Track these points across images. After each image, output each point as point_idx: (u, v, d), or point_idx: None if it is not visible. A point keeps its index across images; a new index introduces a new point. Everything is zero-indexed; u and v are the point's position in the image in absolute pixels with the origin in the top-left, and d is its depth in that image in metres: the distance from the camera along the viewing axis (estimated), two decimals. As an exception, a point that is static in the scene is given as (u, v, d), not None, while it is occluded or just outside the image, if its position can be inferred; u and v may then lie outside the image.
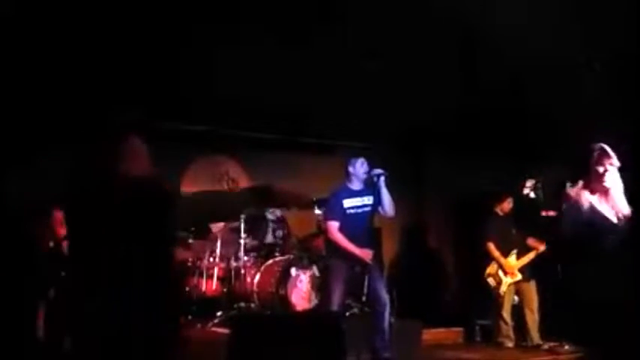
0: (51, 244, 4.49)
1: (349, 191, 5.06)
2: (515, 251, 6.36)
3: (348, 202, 4.98)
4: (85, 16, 4.50)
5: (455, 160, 7.49)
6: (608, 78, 5.53)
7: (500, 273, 6.35)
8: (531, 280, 6.37)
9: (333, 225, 4.96)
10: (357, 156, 5.13)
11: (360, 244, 4.90)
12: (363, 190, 5.06)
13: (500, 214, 6.57)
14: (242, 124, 6.62)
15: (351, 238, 4.91)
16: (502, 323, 6.39)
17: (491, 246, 6.40)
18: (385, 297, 4.92)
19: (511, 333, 6.38)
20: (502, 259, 6.34)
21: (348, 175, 5.09)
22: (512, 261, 6.34)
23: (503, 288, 6.33)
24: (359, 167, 5.04)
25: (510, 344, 6.34)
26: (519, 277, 6.32)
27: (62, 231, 4.42)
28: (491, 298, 6.49)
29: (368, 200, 5.02)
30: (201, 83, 5.47)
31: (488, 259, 6.44)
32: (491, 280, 6.40)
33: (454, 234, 7.88)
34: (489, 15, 4.58)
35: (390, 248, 7.15)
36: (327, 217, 5.08)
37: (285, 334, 3.73)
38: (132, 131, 2.87)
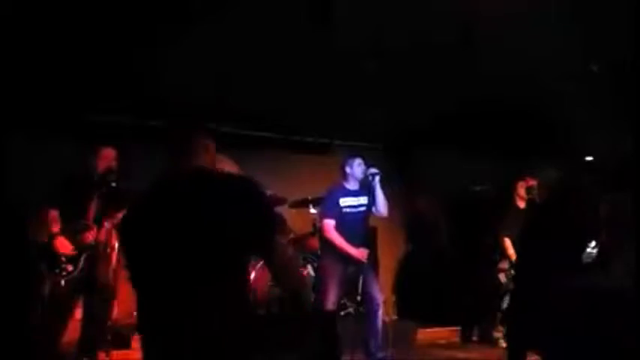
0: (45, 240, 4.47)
1: (345, 190, 5.06)
2: None
3: (344, 201, 4.99)
4: (86, 16, 4.48)
5: (451, 159, 7.49)
6: (605, 78, 5.53)
7: (513, 270, 6.12)
8: None
9: (329, 223, 4.96)
10: (354, 156, 5.13)
11: (355, 243, 4.90)
12: (359, 190, 5.06)
13: (520, 203, 6.36)
14: (238, 122, 6.61)
15: (347, 238, 4.91)
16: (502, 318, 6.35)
17: (507, 242, 6.20)
18: (379, 297, 4.93)
19: None
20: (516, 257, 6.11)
21: (344, 175, 5.09)
22: None
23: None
24: (356, 167, 5.04)
25: (504, 343, 6.33)
26: None
27: (56, 228, 4.40)
28: (491, 296, 6.46)
29: (364, 200, 5.02)
30: (197, 82, 5.46)
31: (501, 253, 6.26)
32: (502, 276, 6.26)
33: (450, 233, 7.87)
34: (484, 14, 4.57)
35: (385, 248, 7.14)
36: (323, 215, 5.08)
37: (280, 333, 3.74)
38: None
